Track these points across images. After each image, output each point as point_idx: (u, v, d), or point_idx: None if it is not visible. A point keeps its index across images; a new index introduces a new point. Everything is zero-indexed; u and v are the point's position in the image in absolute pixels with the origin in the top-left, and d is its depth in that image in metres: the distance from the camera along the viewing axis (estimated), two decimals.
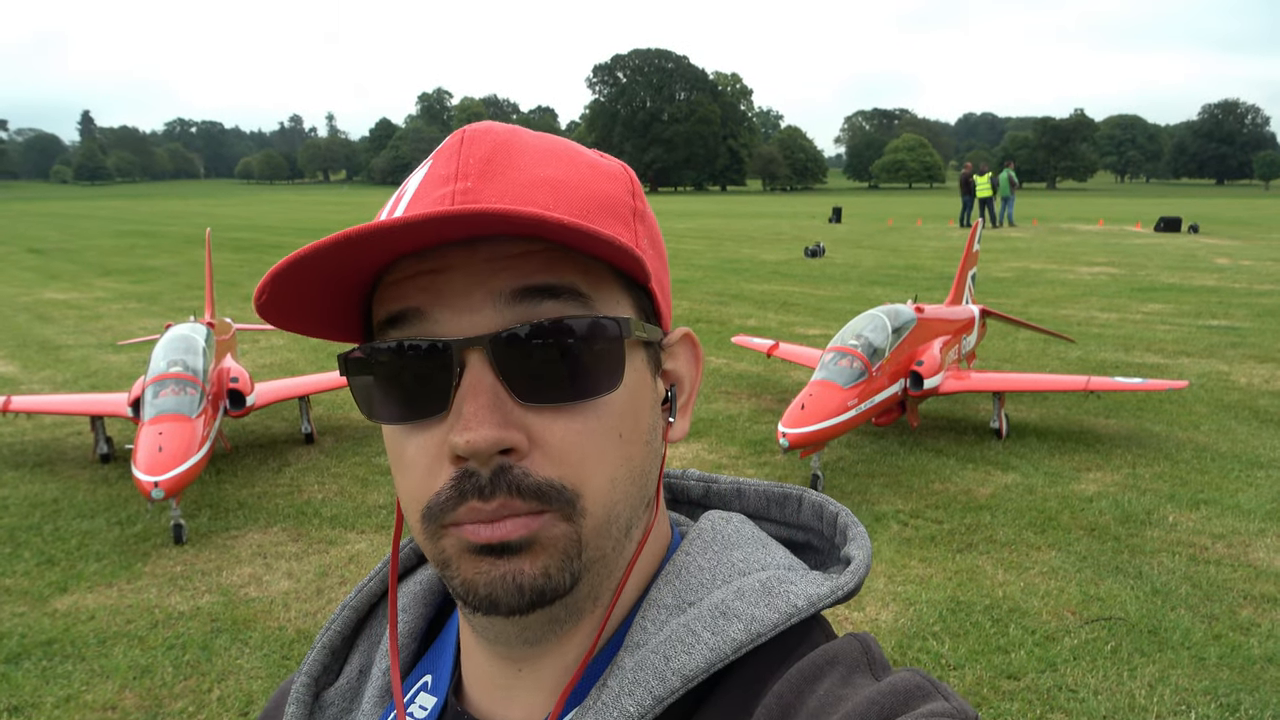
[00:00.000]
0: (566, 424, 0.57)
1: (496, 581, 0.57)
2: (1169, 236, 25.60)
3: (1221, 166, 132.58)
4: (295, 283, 0.57)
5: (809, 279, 16.43)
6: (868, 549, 0.68)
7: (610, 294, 0.60)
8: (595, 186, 0.61)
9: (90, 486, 5.99)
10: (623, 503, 0.60)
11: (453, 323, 0.57)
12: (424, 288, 0.58)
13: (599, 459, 0.58)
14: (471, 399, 0.55)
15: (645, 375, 0.63)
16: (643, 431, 0.62)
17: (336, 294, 0.60)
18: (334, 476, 6.14)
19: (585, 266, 0.59)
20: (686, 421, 0.68)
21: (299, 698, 0.72)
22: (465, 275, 0.57)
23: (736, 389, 8.38)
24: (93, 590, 4.55)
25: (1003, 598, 4.34)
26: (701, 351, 0.70)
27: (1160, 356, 9.52)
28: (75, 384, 8.86)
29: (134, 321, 12.39)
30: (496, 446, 0.55)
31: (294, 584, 4.60)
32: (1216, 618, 4.11)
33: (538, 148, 0.62)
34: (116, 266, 19.90)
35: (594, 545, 0.59)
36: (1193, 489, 5.70)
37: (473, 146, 0.60)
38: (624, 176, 0.65)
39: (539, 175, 0.59)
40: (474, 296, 0.57)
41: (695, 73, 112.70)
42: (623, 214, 0.62)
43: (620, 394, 0.60)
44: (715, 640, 0.60)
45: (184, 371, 5.54)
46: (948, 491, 5.72)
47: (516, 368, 0.56)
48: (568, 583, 0.58)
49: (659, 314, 0.65)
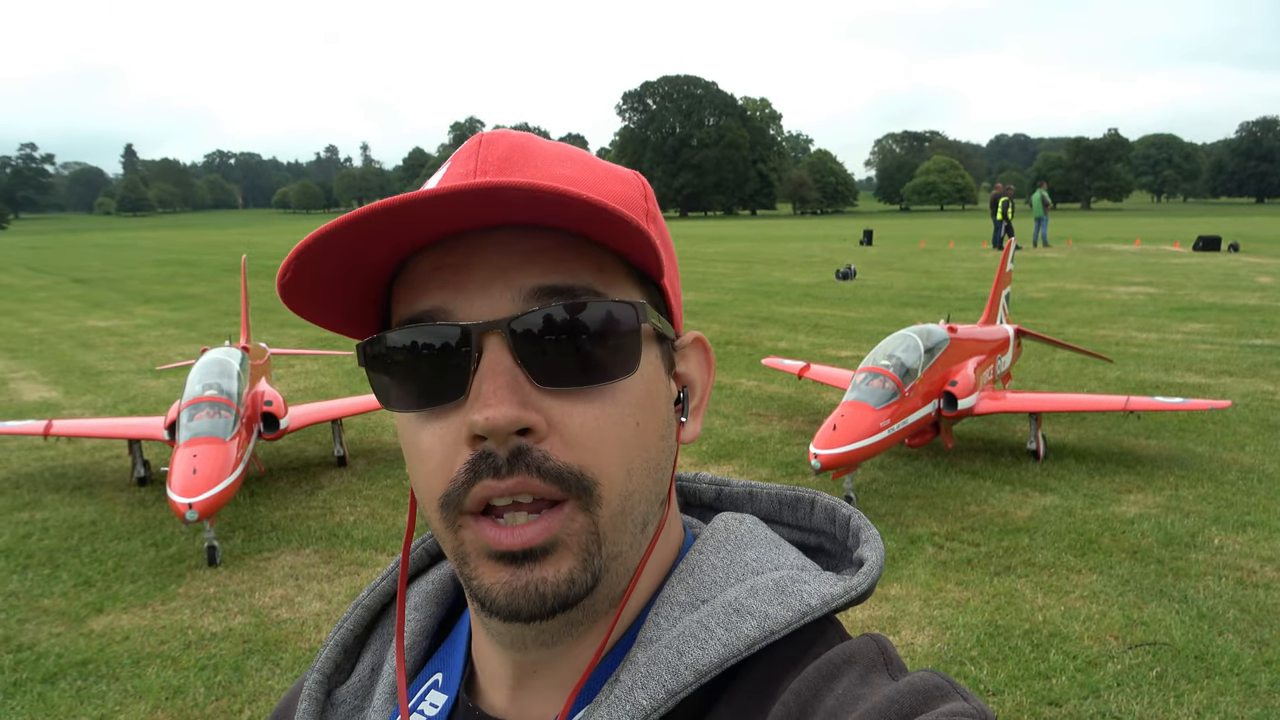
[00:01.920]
0: (584, 409, 0.57)
1: (519, 592, 0.57)
2: (1208, 255, 25.15)
3: (1261, 184, 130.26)
4: (318, 264, 0.57)
5: (840, 301, 16.34)
6: (880, 551, 0.68)
7: (624, 289, 0.61)
8: (610, 187, 0.63)
9: (127, 509, 6.06)
10: (638, 494, 0.60)
11: (472, 312, 0.57)
12: (444, 283, 0.58)
13: (616, 446, 0.58)
14: (491, 379, 0.56)
15: (660, 370, 0.63)
16: (659, 424, 0.62)
17: (356, 284, 0.61)
18: (366, 499, 6.16)
19: (599, 262, 0.59)
20: (698, 424, 0.68)
21: (311, 694, 0.72)
22: (485, 269, 0.58)
23: (768, 411, 8.32)
24: (128, 611, 4.59)
25: (1043, 622, 4.23)
26: (713, 357, 0.70)
27: (1202, 376, 9.32)
28: (115, 409, 9.01)
29: (172, 347, 12.61)
30: (515, 425, 0.55)
31: (325, 605, 4.61)
32: (1267, 643, 3.97)
33: (552, 151, 0.63)
34: (157, 295, 20.30)
35: (612, 539, 0.59)
36: (1239, 511, 5.55)
37: (491, 147, 0.61)
38: (636, 181, 0.66)
39: (556, 173, 0.60)
40: (493, 287, 0.57)
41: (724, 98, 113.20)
42: (637, 213, 0.63)
43: (636, 382, 0.60)
44: (729, 636, 0.60)
45: (219, 395, 5.61)
46: (984, 514, 5.61)
47: (534, 352, 0.57)
48: (590, 583, 0.58)
49: (671, 314, 0.66)
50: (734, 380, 9.58)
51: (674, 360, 0.66)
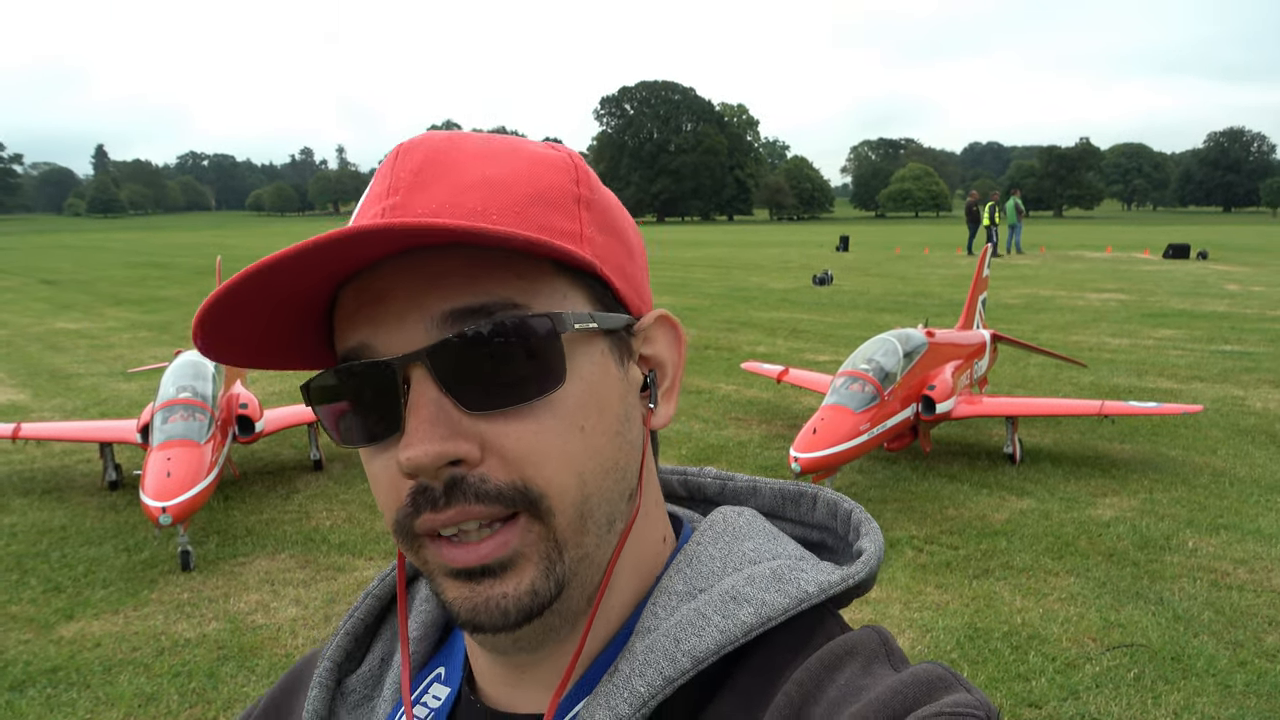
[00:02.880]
0: (520, 427, 0.56)
1: (479, 607, 0.57)
2: (1178, 263, 25.53)
3: (1228, 194, 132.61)
4: (229, 322, 0.57)
5: (817, 306, 16.42)
6: (879, 542, 0.67)
7: (553, 290, 0.59)
8: (534, 180, 0.60)
9: (98, 513, 5.96)
10: (596, 496, 0.59)
11: (394, 344, 0.57)
12: (367, 319, 0.58)
13: (560, 456, 0.57)
14: (414, 415, 0.55)
15: (606, 365, 0.61)
16: (610, 422, 0.60)
17: (293, 321, 0.60)
18: (343, 503, 6.10)
19: (519, 269, 0.57)
20: (672, 406, 0.67)
21: (322, 681, 0.72)
22: (401, 299, 0.57)
23: (747, 415, 8.33)
24: (99, 617, 4.51)
25: (1021, 624, 4.26)
26: (683, 333, 0.68)
27: (1174, 381, 9.44)
28: (85, 412, 8.86)
29: (145, 350, 12.44)
30: (440, 459, 0.55)
31: (302, 611, 4.55)
32: (1241, 644, 4.02)
33: (475, 150, 0.61)
34: (128, 297, 20.03)
35: (575, 544, 0.58)
36: (1212, 514, 5.62)
37: (405, 159, 0.60)
38: (568, 165, 0.63)
39: (473, 178, 0.59)
40: (409, 319, 0.57)
41: (702, 104, 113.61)
42: (563, 203, 0.61)
43: (573, 388, 0.58)
44: (725, 623, 0.59)
45: (193, 397, 5.53)
46: (962, 517, 5.65)
47: (458, 378, 0.56)
48: (554, 591, 0.58)
49: (623, 301, 0.63)
50: (713, 385, 9.59)
51: (631, 347, 0.64)
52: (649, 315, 0.66)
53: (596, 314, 0.60)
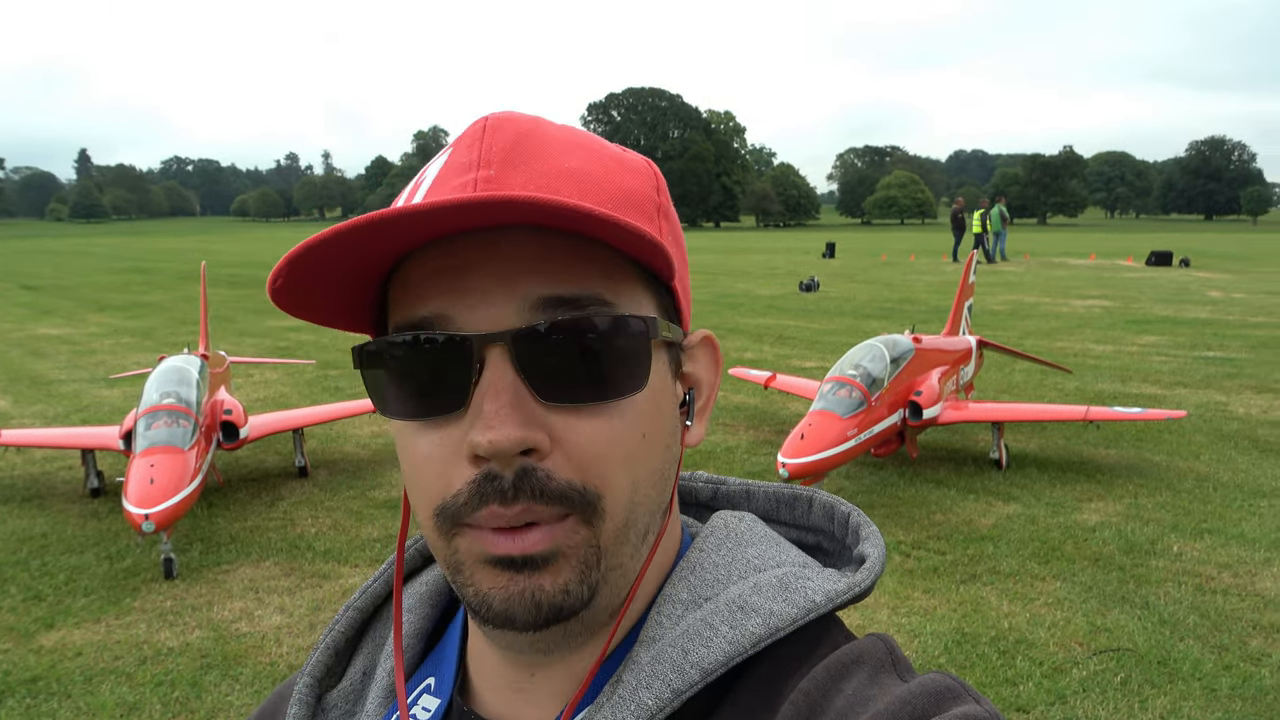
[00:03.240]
0: (590, 425, 0.55)
1: (515, 598, 0.55)
2: (1161, 270, 25.76)
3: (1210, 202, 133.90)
4: (310, 270, 0.55)
5: (804, 313, 16.46)
6: (881, 548, 0.66)
7: (634, 294, 0.58)
8: (620, 180, 0.60)
9: (80, 521, 5.89)
10: (643, 506, 0.59)
11: (474, 320, 0.55)
12: (445, 289, 0.56)
13: (623, 461, 0.57)
14: (493, 397, 0.54)
15: (667, 377, 0.61)
16: (664, 434, 0.60)
17: (352, 283, 0.59)
18: (328, 510, 6.06)
19: (608, 267, 0.57)
20: (704, 426, 0.66)
21: (302, 699, 0.70)
22: (487, 275, 0.55)
23: (734, 420, 8.33)
24: (80, 626, 4.45)
25: (1009, 629, 4.27)
26: (721, 355, 0.68)
27: (1157, 387, 9.51)
28: (67, 418, 8.78)
29: (127, 356, 12.33)
30: (520, 446, 0.53)
31: (286, 619, 4.51)
32: (1226, 648, 4.04)
33: (561, 139, 0.60)
34: (111, 302, 19.87)
35: (613, 552, 0.57)
36: (1196, 519, 5.65)
37: (496, 134, 0.58)
38: (648, 171, 0.64)
39: (564, 166, 0.57)
40: (496, 295, 0.55)
41: (689, 111, 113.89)
42: (647, 209, 0.61)
43: (645, 394, 0.58)
44: (733, 634, 0.58)
45: (177, 403, 5.48)
46: (949, 522, 5.66)
47: (538, 366, 0.54)
48: (586, 597, 0.57)
49: (680, 314, 0.64)
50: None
51: (681, 362, 0.64)
52: (695, 334, 0.66)
53: (670, 325, 0.61)
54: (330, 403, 8.12)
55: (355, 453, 7.44)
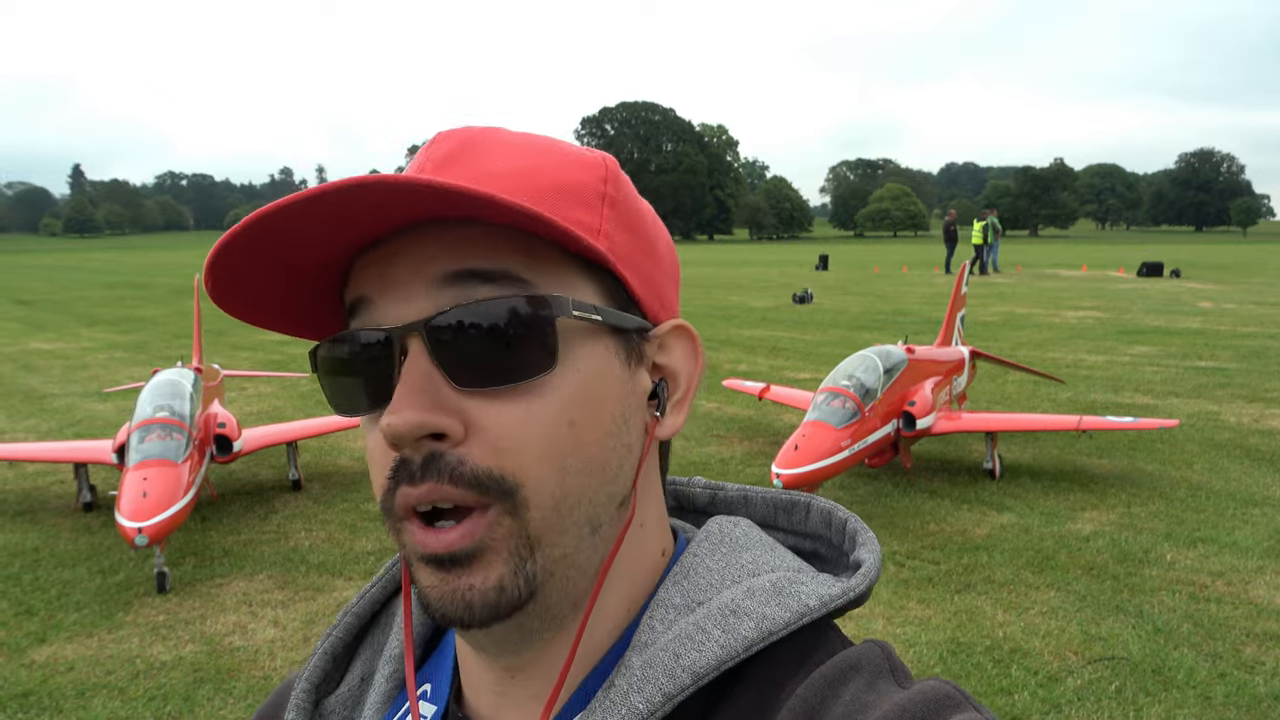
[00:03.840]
0: (507, 409, 0.55)
1: (446, 597, 0.55)
2: (1152, 281, 25.89)
3: (1199, 213, 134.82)
4: (242, 273, 0.57)
5: (797, 324, 16.49)
6: (878, 553, 0.66)
7: (561, 278, 0.58)
8: (557, 174, 0.60)
9: (72, 535, 5.87)
10: (577, 495, 0.57)
11: (395, 310, 0.57)
12: (374, 276, 0.58)
13: (543, 446, 0.56)
14: (401, 383, 0.55)
15: (609, 363, 0.60)
16: (604, 421, 0.59)
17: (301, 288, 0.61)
18: (322, 523, 6.04)
19: (528, 249, 0.57)
20: (681, 417, 0.66)
21: (299, 704, 0.70)
22: (408, 262, 0.57)
23: (728, 432, 8.34)
24: (72, 640, 4.43)
25: (1003, 638, 4.27)
26: (701, 345, 0.67)
27: (1150, 397, 9.55)
28: (59, 433, 8.74)
29: (121, 370, 12.29)
30: (419, 430, 0.54)
31: (280, 632, 4.49)
32: (1220, 656, 4.05)
33: (507, 143, 0.61)
34: (104, 317, 19.82)
35: (549, 541, 0.56)
36: (1189, 527, 5.67)
37: (439, 144, 0.60)
38: (599, 164, 0.63)
39: (499, 167, 0.58)
40: (413, 284, 0.56)
41: (682, 124, 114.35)
42: (587, 198, 0.60)
43: (565, 378, 0.57)
44: (726, 638, 0.58)
45: (170, 416, 5.47)
46: (943, 532, 5.67)
47: (451, 352, 0.55)
48: (523, 590, 0.56)
49: (640, 304, 0.62)
50: (695, 402, 9.54)
51: (643, 352, 0.63)
52: (666, 323, 0.65)
53: (603, 309, 0.59)
54: (324, 416, 8.11)
55: (349, 465, 7.42)
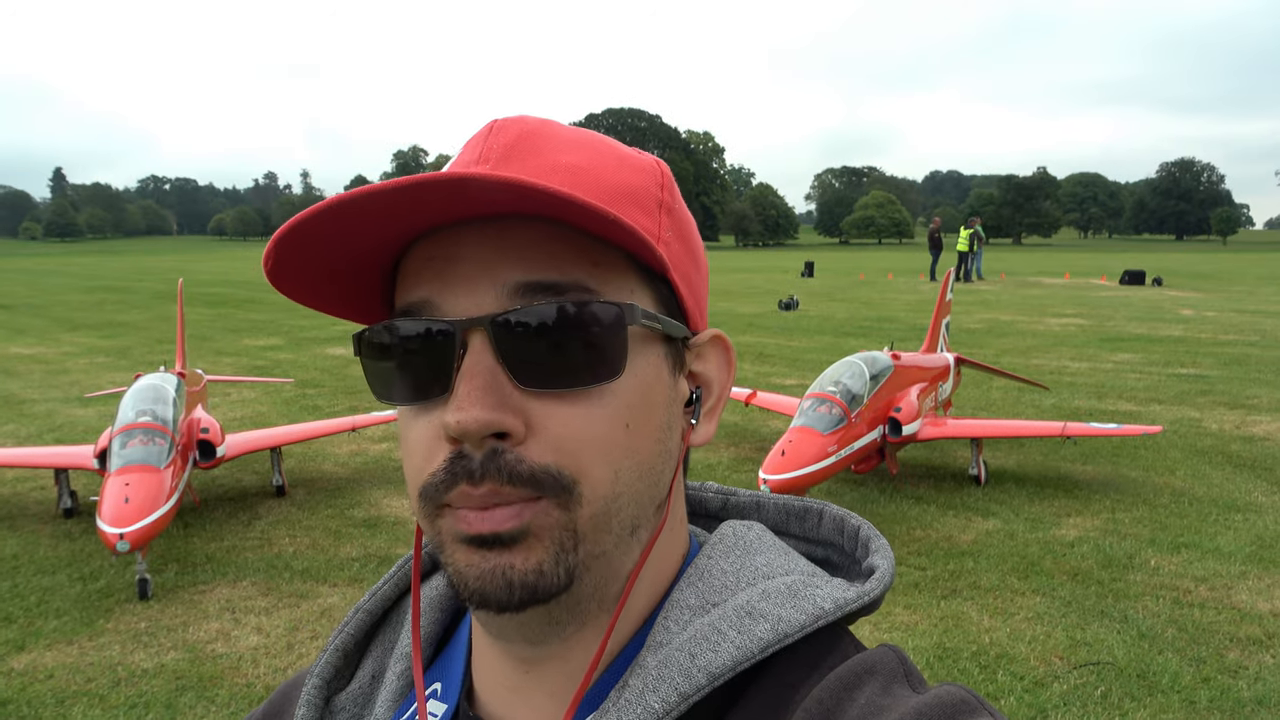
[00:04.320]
0: (568, 410, 0.56)
1: (486, 575, 0.55)
2: (1134, 289, 26.13)
3: (1180, 222, 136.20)
4: (300, 255, 0.57)
5: (783, 331, 16.53)
6: (891, 560, 0.66)
7: (623, 285, 0.59)
8: (620, 175, 0.61)
9: (52, 542, 5.80)
10: (627, 496, 0.58)
11: (459, 305, 0.57)
12: (435, 275, 0.58)
13: (600, 448, 0.57)
14: (467, 380, 0.55)
15: (661, 370, 0.61)
16: (654, 428, 0.60)
17: (351, 271, 0.60)
18: (306, 529, 5.99)
19: (595, 257, 0.57)
20: (713, 426, 0.67)
21: (310, 700, 0.69)
22: (474, 263, 0.57)
23: (715, 438, 8.31)
24: (52, 648, 4.37)
25: (990, 644, 4.28)
26: (734, 356, 0.68)
27: (1133, 404, 9.62)
28: (39, 438, 8.65)
29: (102, 376, 12.17)
30: (487, 429, 0.54)
31: (263, 639, 4.45)
32: (1204, 661, 4.08)
33: (566, 137, 0.61)
34: (85, 322, 19.64)
35: (592, 539, 0.57)
36: (1172, 533, 5.71)
37: (499, 134, 0.60)
38: (654, 170, 0.64)
39: (562, 161, 0.59)
40: (480, 283, 0.56)
41: (668, 131, 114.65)
42: (646, 204, 0.61)
43: (626, 383, 0.58)
44: (741, 639, 0.58)
45: (153, 421, 5.42)
46: (929, 538, 5.68)
47: (517, 351, 0.55)
48: (562, 579, 0.56)
49: (685, 312, 0.64)
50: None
51: (685, 360, 0.64)
52: (705, 333, 0.66)
53: (662, 317, 0.60)
54: (308, 421, 8.06)
55: (334, 471, 7.38)
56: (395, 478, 7.11)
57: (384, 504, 6.47)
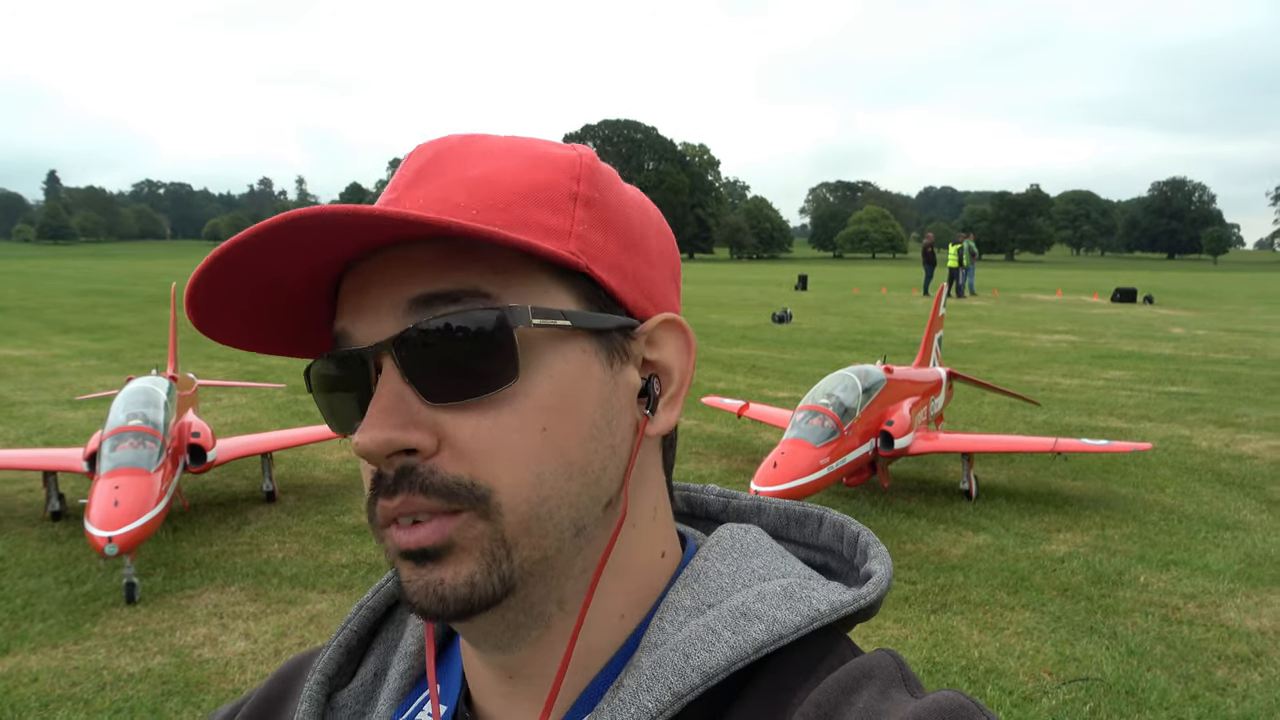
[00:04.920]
0: (476, 421, 0.56)
1: (421, 590, 0.56)
2: (1125, 307, 26.26)
3: (1172, 241, 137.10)
4: (222, 301, 0.59)
5: (776, 343, 16.56)
6: (889, 565, 0.66)
7: (532, 286, 0.58)
8: (529, 175, 0.59)
9: (39, 544, 5.76)
10: (556, 499, 0.57)
11: (368, 331, 0.58)
12: (350, 306, 0.59)
13: (515, 453, 0.56)
14: (373, 402, 0.56)
15: (588, 365, 0.59)
16: (582, 425, 0.58)
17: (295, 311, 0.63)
18: (295, 535, 5.97)
19: (493, 261, 0.57)
20: (675, 413, 0.64)
21: (312, 696, 0.69)
22: (378, 288, 0.58)
23: (708, 450, 8.34)
24: (36, 651, 4.34)
25: (979, 658, 4.28)
26: (693, 339, 0.66)
27: (1123, 421, 9.66)
28: (28, 441, 8.60)
29: (93, 379, 12.13)
30: (387, 448, 0.55)
31: (251, 645, 4.42)
32: (1192, 678, 4.08)
33: (483, 149, 0.61)
34: (77, 324, 19.56)
35: (526, 544, 0.57)
36: (1162, 550, 5.73)
37: (414, 158, 0.61)
38: (572, 163, 0.62)
39: (466, 176, 0.58)
40: (382, 307, 0.58)
41: (664, 143, 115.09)
42: (555, 200, 0.59)
43: (537, 385, 0.57)
44: (736, 639, 0.58)
45: (144, 424, 5.39)
46: (920, 552, 5.69)
47: (419, 367, 0.56)
48: (498, 588, 0.56)
49: (622, 302, 0.61)
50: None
51: (629, 350, 0.62)
52: (653, 319, 0.64)
53: (573, 312, 0.58)
54: (300, 427, 8.03)
55: (324, 478, 7.35)
56: None
57: None
